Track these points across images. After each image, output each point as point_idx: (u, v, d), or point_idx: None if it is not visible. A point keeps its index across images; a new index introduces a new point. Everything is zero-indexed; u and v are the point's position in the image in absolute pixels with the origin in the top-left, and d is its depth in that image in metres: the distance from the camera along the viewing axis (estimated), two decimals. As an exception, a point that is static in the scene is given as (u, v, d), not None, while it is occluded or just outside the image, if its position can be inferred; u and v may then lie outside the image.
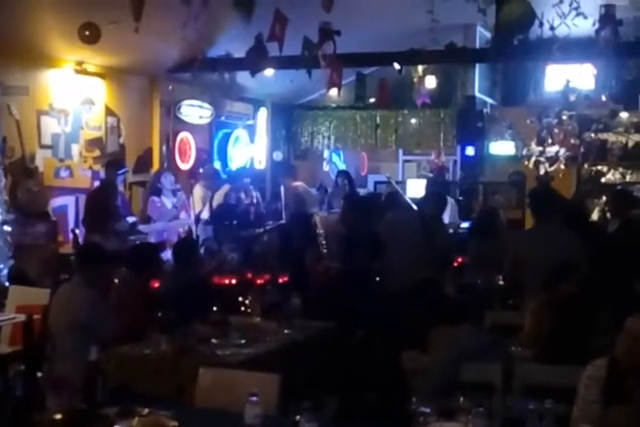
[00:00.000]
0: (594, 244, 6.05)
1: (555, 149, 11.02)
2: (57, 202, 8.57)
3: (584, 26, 6.76)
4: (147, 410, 3.27)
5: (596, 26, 7.04)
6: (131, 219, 8.07)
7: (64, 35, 7.94)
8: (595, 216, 10.15)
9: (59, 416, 3.05)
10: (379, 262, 6.96)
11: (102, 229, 7.43)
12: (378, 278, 7.17)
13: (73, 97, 8.90)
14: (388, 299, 6.71)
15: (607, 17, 7.06)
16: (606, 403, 3.25)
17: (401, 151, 13.69)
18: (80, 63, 8.87)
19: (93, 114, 9.25)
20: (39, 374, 3.59)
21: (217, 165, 11.25)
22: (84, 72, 8.99)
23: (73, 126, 8.93)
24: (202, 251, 8.04)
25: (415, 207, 9.63)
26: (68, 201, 8.47)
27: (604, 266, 5.73)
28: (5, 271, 6.96)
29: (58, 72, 8.68)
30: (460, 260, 8.66)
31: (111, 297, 5.50)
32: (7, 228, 7.01)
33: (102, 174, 8.80)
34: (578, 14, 6.45)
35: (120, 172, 8.51)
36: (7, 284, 6.69)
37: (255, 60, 7.17)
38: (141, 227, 8.69)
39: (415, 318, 5.29)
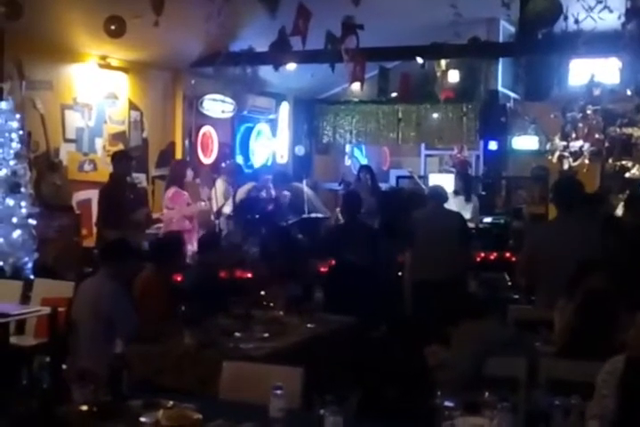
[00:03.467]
0: (617, 238, 5.96)
1: (579, 143, 10.94)
2: (80, 195, 8.62)
3: (610, 19, 6.70)
4: (171, 403, 3.29)
5: (622, 19, 6.97)
6: (143, 211, 8.00)
7: (88, 29, 7.98)
8: (619, 211, 10.06)
9: (85, 408, 3.07)
10: (402, 256, 6.96)
11: (117, 224, 7.39)
12: (400, 273, 7.18)
13: (97, 91, 8.95)
14: (428, 291, 6.68)
15: (633, 10, 7.00)
16: (622, 397, 3.24)
17: (423, 146, 13.65)
18: (104, 57, 8.92)
19: (117, 108, 9.29)
20: (64, 367, 3.62)
21: (239, 159, 11.27)
22: (108, 66, 9.04)
23: (97, 120, 8.98)
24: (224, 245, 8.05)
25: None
26: (91, 195, 8.50)
27: (629, 261, 5.66)
28: (30, 264, 7.01)
29: (82, 66, 8.73)
30: (482, 255, 8.65)
31: (135, 291, 5.53)
32: (32, 221, 7.06)
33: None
34: (604, 8, 6.39)
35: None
36: (32, 276, 6.75)
37: (278, 54, 7.17)
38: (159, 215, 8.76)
39: (438, 313, 5.27)
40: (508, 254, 8.66)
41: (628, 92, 10.50)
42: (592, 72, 10.78)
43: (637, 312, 3.37)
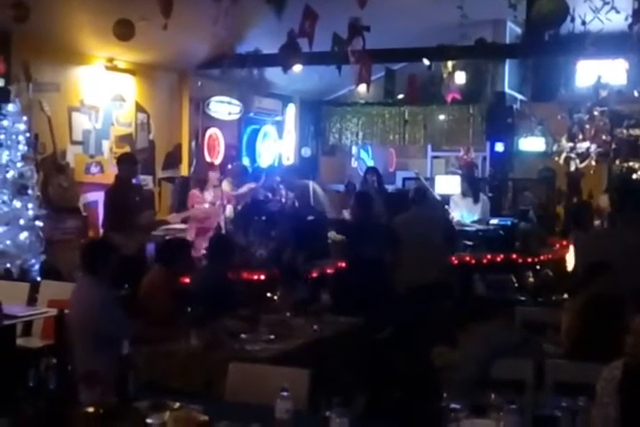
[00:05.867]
0: None
1: (586, 145, 10.92)
2: (87, 197, 8.64)
3: (617, 20, 6.68)
4: (178, 404, 3.29)
5: (629, 20, 6.94)
6: (149, 213, 8.00)
7: (95, 31, 8.00)
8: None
9: (91, 410, 3.07)
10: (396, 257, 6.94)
11: (122, 226, 7.35)
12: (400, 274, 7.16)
13: (103, 93, 8.97)
14: (416, 295, 6.69)
15: (640, 11, 6.96)
16: (623, 404, 3.21)
17: (429, 147, 13.65)
18: (110, 60, 8.94)
19: (124, 110, 9.31)
20: (70, 368, 3.62)
21: (245, 161, 11.27)
22: (115, 69, 9.06)
23: (103, 122, 9.00)
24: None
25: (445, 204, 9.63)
26: (98, 197, 8.52)
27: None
28: (37, 266, 7.03)
29: (89, 69, 8.75)
30: (488, 257, 8.63)
31: (141, 292, 5.53)
32: (39, 223, 7.08)
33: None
34: (610, 9, 6.37)
35: None
36: (39, 278, 6.76)
37: (288, 57, 7.17)
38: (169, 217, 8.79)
39: (444, 315, 5.27)
40: (514, 256, 8.65)
41: (636, 94, 10.49)
42: (599, 73, 10.75)
43: (634, 318, 3.32)
